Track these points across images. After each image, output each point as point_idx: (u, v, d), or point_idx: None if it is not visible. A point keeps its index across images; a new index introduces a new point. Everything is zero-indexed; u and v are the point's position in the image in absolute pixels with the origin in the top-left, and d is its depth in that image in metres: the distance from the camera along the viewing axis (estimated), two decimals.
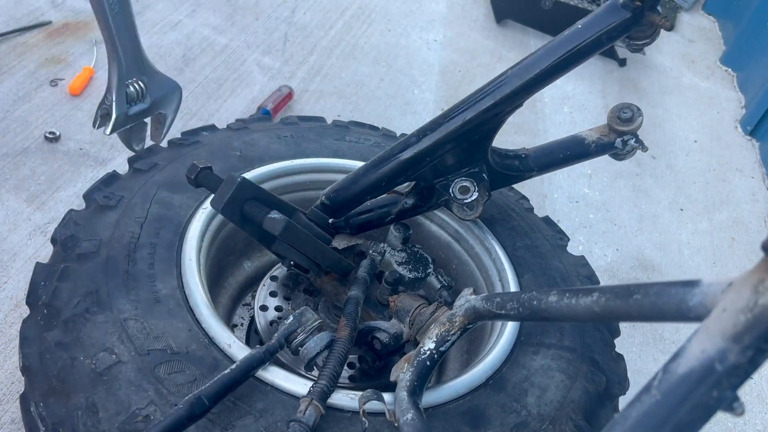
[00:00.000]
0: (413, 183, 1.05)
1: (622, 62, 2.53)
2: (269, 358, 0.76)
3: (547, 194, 1.90)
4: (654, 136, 2.26)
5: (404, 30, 2.42)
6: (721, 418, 1.44)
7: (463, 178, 1.03)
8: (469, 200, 1.03)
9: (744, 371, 0.31)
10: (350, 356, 0.90)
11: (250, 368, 0.73)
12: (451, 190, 1.03)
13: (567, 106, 2.28)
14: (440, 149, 0.99)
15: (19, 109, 1.65)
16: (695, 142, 2.29)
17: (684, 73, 2.65)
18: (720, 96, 2.57)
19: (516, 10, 2.60)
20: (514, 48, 2.50)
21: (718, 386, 0.31)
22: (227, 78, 1.93)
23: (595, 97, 2.36)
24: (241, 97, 1.88)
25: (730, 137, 2.36)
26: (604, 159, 2.06)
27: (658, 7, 0.97)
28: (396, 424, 0.68)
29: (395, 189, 1.05)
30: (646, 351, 1.54)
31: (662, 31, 3.05)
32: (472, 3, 2.70)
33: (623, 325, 1.59)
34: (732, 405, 0.31)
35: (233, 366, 0.72)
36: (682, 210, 1.99)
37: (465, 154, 1.01)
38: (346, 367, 0.94)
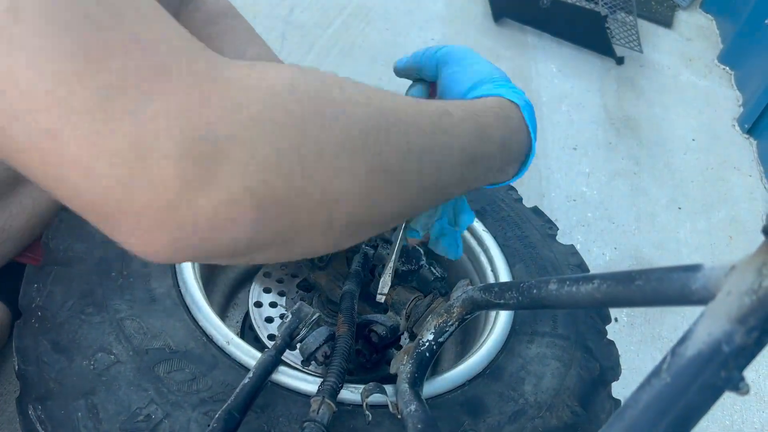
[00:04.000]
0: None
1: (620, 60, 2.53)
2: (280, 359, 0.76)
3: (545, 193, 1.90)
4: (652, 135, 2.27)
5: (402, 29, 2.42)
6: (718, 416, 1.44)
7: None
8: None
9: (750, 352, 0.32)
10: None
11: (266, 373, 0.73)
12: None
13: (565, 105, 2.28)
14: None
15: None
16: (693, 140, 2.29)
17: (682, 72, 2.66)
18: (718, 94, 2.57)
19: (514, 8, 2.60)
20: (511, 47, 2.50)
21: (726, 367, 0.32)
22: None
23: (593, 95, 2.36)
24: None
25: (728, 135, 2.37)
26: (602, 157, 2.07)
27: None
28: (399, 416, 0.68)
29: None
30: (644, 349, 1.54)
31: (660, 29, 3.03)
32: (470, 2, 2.70)
33: (621, 325, 1.59)
34: (738, 385, 0.32)
35: (250, 374, 0.72)
36: (680, 208, 1.99)
37: None
38: None
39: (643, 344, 1.55)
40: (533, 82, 2.35)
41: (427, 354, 0.75)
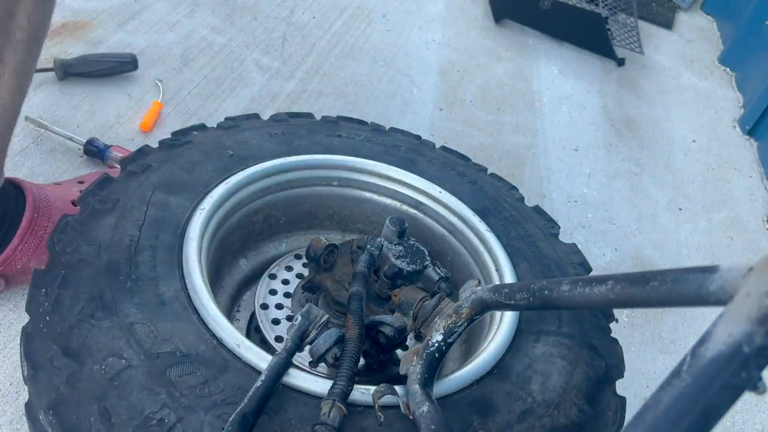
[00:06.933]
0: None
1: (621, 62, 2.54)
2: (291, 361, 0.76)
3: (546, 194, 1.90)
4: (652, 136, 2.27)
5: (403, 30, 2.43)
6: None
7: None
8: None
9: None
10: None
11: (278, 376, 0.74)
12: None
13: (566, 106, 2.29)
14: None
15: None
16: (694, 141, 2.30)
17: (682, 73, 2.66)
18: (718, 95, 2.58)
19: (514, 9, 2.61)
20: (512, 48, 2.51)
21: (746, 367, 0.32)
22: (226, 78, 1.93)
23: (594, 96, 2.37)
24: (240, 97, 1.88)
25: (729, 137, 2.38)
26: (602, 158, 2.08)
27: None
28: (411, 417, 0.68)
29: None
30: (644, 350, 1.54)
31: (661, 30, 3.05)
32: (471, 3, 2.70)
33: (622, 326, 1.59)
34: (757, 384, 0.32)
35: (262, 377, 0.72)
36: (680, 209, 2.00)
37: None
38: None
39: (644, 345, 1.56)
40: (534, 84, 2.35)
41: (437, 354, 0.75)
